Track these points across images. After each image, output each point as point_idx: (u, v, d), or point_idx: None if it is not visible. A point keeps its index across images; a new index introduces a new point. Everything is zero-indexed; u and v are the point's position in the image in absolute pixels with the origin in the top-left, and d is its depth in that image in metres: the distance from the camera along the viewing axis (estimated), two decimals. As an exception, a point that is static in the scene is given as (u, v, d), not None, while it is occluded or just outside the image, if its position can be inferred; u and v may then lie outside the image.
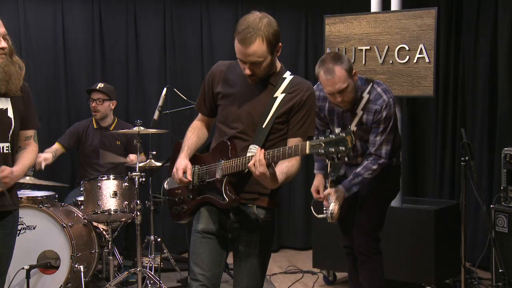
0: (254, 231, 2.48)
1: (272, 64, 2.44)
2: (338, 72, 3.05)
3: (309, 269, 4.80)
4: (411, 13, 4.11)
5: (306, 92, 2.44)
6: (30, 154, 2.73)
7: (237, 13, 5.47)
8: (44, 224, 3.91)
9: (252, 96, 2.45)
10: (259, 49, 2.35)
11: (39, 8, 5.07)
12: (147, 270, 3.98)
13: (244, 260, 2.50)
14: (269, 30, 2.38)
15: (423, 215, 4.11)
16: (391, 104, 3.17)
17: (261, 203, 2.46)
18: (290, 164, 2.37)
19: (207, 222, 2.50)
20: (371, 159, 3.20)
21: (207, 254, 2.48)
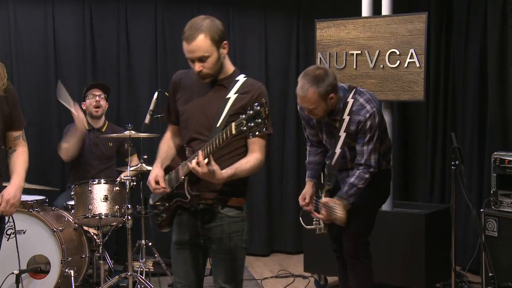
0: (223, 229, 2.59)
1: (220, 62, 2.57)
2: (309, 94, 3.09)
3: (301, 273, 4.80)
4: (401, 17, 4.13)
5: (257, 91, 2.57)
6: (22, 158, 2.78)
7: (229, 16, 5.47)
8: (34, 228, 3.89)
9: (207, 99, 2.59)
10: (203, 43, 2.49)
11: (29, 11, 5.05)
12: (138, 275, 3.97)
13: (218, 256, 2.63)
14: (212, 27, 2.52)
15: (413, 219, 4.13)
16: (375, 114, 3.17)
17: (228, 202, 2.58)
18: (244, 161, 2.52)
19: (178, 233, 2.67)
20: (362, 168, 3.21)
21: (182, 264, 2.67)
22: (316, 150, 3.48)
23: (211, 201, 2.57)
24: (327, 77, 3.09)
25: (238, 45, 5.51)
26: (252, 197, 5.60)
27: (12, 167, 2.74)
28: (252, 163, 2.54)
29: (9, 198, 2.65)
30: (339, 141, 3.23)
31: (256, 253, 5.54)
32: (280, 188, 5.62)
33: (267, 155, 5.74)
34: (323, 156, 3.47)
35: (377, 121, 3.18)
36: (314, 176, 3.45)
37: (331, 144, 3.33)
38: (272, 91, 5.59)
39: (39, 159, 5.12)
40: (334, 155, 3.26)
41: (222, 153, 2.51)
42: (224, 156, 2.52)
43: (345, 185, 3.21)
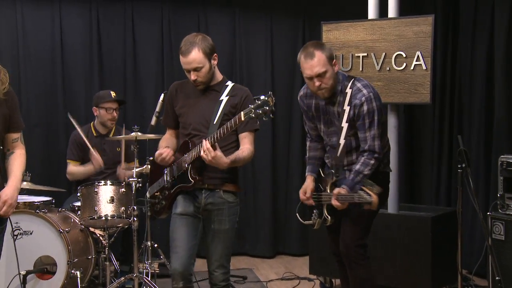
0: (223, 211, 3.08)
1: (212, 71, 3.08)
2: (318, 55, 3.12)
3: (306, 275, 4.80)
4: (408, 20, 4.13)
5: (245, 94, 3.10)
6: (19, 160, 2.85)
7: (234, 18, 5.48)
8: (41, 229, 3.91)
9: (203, 102, 3.10)
10: (197, 56, 3.01)
11: (37, 13, 5.08)
12: (143, 276, 3.97)
13: (216, 235, 3.10)
14: (204, 42, 3.04)
15: (419, 222, 4.12)
16: (372, 98, 3.17)
17: (227, 188, 3.08)
18: (241, 151, 3.02)
19: (183, 206, 3.10)
20: (367, 154, 3.19)
21: (184, 230, 3.08)
22: (317, 145, 3.47)
23: (213, 186, 3.05)
24: (325, 44, 3.27)
25: (243, 47, 5.52)
26: (257, 199, 5.61)
27: (9, 169, 2.81)
28: (247, 153, 3.04)
29: (6, 199, 2.70)
30: (343, 132, 3.22)
31: (261, 255, 5.54)
32: (286, 190, 5.62)
33: (272, 157, 5.78)
34: (323, 151, 3.46)
35: (375, 106, 3.17)
36: (314, 171, 3.43)
37: (327, 134, 3.33)
38: (278, 94, 5.58)
39: (46, 160, 5.15)
40: (338, 146, 3.25)
41: (220, 146, 2.94)
42: (222, 148, 2.94)
43: (351, 173, 3.19)
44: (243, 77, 5.53)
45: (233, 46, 5.51)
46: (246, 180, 5.58)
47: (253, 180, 5.59)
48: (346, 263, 3.36)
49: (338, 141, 3.26)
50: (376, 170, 3.26)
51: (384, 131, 3.38)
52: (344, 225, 3.33)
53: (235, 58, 5.53)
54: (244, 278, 4.83)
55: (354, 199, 3.04)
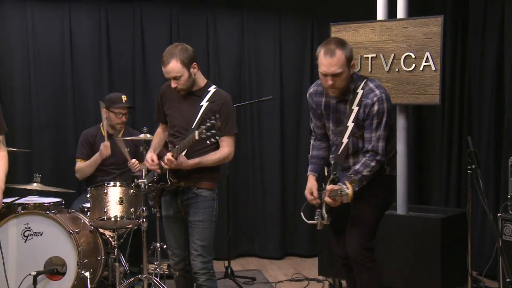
0: (197, 204, 3.38)
1: (192, 79, 3.36)
2: (338, 55, 3.08)
3: (315, 276, 4.79)
4: (417, 21, 4.12)
5: (222, 100, 3.37)
6: (2, 162, 2.93)
7: (243, 20, 5.49)
8: (51, 230, 3.93)
9: (186, 106, 3.40)
10: (175, 66, 3.29)
11: (46, 15, 5.12)
12: (153, 277, 3.98)
13: (192, 226, 3.39)
14: (182, 53, 3.30)
15: (429, 223, 4.11)
16: (383, 99, 3.15)
17: (201, 185, 3.38)
18: (212, 154, 3.34)
19: (164, 209, 3.52)
20: (368, 155, 3.16)
21: (171, 232, 3.53)
22: (320, 144, 3.44)
23: (188, 183, 3.37)
24: (347, 43, 3.20)
25: (252, 49, 5.52)
26: (266, 201, 5.61)
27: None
28: (218, 156, 3.35)
29: None
30: (347, 131, 3.20)
31: (270, 256, 5.54)
32: (294, 191, 5.62)
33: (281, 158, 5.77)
34: (327, 151, 3.43)
35: (385, 108, 3.15)
36: (317, 170, 3.40)
37: (336, 133, 3.31)
38: (287, 95, 5.59)
39: (55, 161, 5.18)
40: (340, 145, 3.24)
41: (200, 150, 3.32)
42: (199, 150, 3.33)
43: (349, 172, 3.13)
44: (252, 79, 5.54)
45: (241, 47, 5.52)
46: (255, 182, 5.59)
47: (261, 181, 5.59)
48: (353, 266, 3.34)
49: (341, 140, 3.24)
50: (382, 174, 3.24)
51: (391, 134, 3.36)
52: (350, 228, 3.31)
53: (243, 60, 5.53)
54: (253, 279, 4.84)
55: (337, 193, 3.01)
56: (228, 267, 4.75)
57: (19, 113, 5.11)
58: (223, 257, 5.00)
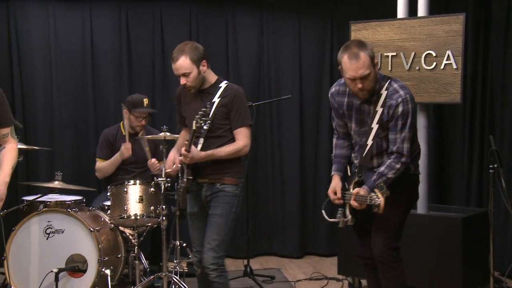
0: (218, 198, 3.39)
1: (201, 76, 3.36)
2: (363, 57, 3.05)
3: (334, 275, 4.78)
4: (438, 19, 4.08)
5: (233, 94, 3.38)
6: (9, 154, 2.93)
7: (262, 19, 5.49)
8: (72, 228, 3.97)
9: (198, 104, 3.38)
10: (184, 63, 3.31)
11: (68, 15, 5.18)
12: (172, 275, 4.00)
13: (210, 219, 3.41)
14: (192, 50, 3.32)
15: (450, 223, 4.07)
16: (408, 100, 3.12)
17: (224, 181, 3.39)
18: (225, 146, 3.36)
19: (190, 206, 3.51)
20: (393, 157, 3.14)
21: (196, 230, 3.53)
22: (343, 143, 3.43)
23: (214, 180, 3.40)
24: (367, 43, 3.18)
25: (271, 48, 5.52)
26: (285, 199, 5.60)
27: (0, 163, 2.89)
28: (232, 148, 3.36)
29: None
30: (371, 133, 3.18)
31: (290, 255, 5.54)
32: (314, 190, 5.61)
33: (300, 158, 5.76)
34: (350, 149, 3.41)
35: (410, 108, 3.12)
36: (341, 170, 3.39)
37: (359, 133, 3.29)
38: (306, 95, 5.58)
39: (76, 160, 5.24)
40: (365, 147, 3.23)
41: (216, 144, 3.36)
42: (218, 147, 3.34)
43: (374, 174, 3.14)
44: (271, 78, 5.53)
45: (261, 46, 5.52)
46: (274, 181, 5.59)
47: (281, 181, 5.59)
48: (379, 266, 3.32)
49: (366, 141, 3.22)
50: (406, 173, 3.22)
51: (415, 134, 3.33)
52: (375, 228, 3.29)
53: (263, 59, 5.53)
54: (272, 278, 4.84)
55: (367, 200, 3.02)
56: (247, 265, 4.76)
57: (41, 112, 5.17)
58: (242, 255, 5.01)
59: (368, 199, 3.00)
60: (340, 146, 3.44)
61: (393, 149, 3.15)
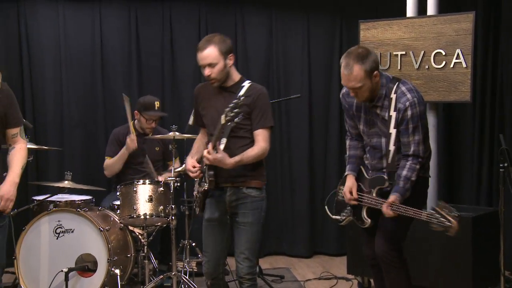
0: (246, 205, 3.19)
1: (226, 71, 3.18)
2: (355, 71, 3.05)
3: (344, 275, 4.77)
4: (447, 17, 4.06)
5: (257, 93, 3.19)
6: (19, 154, 2.93)
7: (271, 18, 5.49)
8: (82, 227, 3.99)
9: (220, 103, 3.18)
10: (212, 52, 3.14)
11: (77, 15, 5.20)
12: (182, 275, 4.01)
13: (240, 227, 3.21)
14: (220, 41, 3.17)
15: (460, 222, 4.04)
16: (416, 103, 3.12)
17: (250, 184, 3.19)
18: (250, 150, 3.15)
19: (210, 212, 3.27)
20: (411, 159, 3.14)
21: (211, 236, 3.28)
22: (357, 144, 3.43)
23: (238, 184, 3.18)
24: (370, 55, 3.12)
25: (280, 47, 5.52)
26: (294, 199, 5.60)
27: (9, 164, 2.91)
28: (257, 151, 3.15)
29: (3, 194, 2.79)
30: (392, 138, 3.18)
31: (299, 254, 5.54)
32: (323, 190, 5.59)
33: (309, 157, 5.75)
34: (363, 151, 3.42)
35: (419, 111, 3.12)
36: (355, 170, 3.39)
37: (369, 134, 3.29)
38: (315, 93, 5.57)
39: (85, 160, 5.26)
40: (388, 153, 3.22)
41: (237, 146, 3.13)
42: (238, 149, 3.13)
43: (399, 180, 3.15)
44: (280, 77, 5.53)
45: (269, 46, 5.52)
46: (283, 180, 5.58)
47: (290, 180, 5.59)
48: (382, 266, 3.32)
49: (387, 147, 3.22)
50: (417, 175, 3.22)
51: (427, 134, 3.33)
52: (380, 228, 3.29)
53: (271, 58, 5.53)
54: (282, 278, 4.84)
55: (422, 217, 2.97)
56: (256, 265, 4.75)
57: (51, 112, 5.20)
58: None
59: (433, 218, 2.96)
60: (354, 147, 3.44)
61: (409, 153, 3.15)
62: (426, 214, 2.97)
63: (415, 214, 3.02)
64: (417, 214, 3.01)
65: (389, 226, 3.23)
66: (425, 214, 2.98)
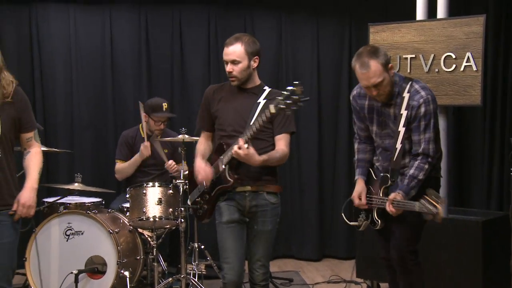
0: (266, 212, 3.13)
1: (249, 71, 3.13)
2: (373, 66, 3.06)
3: (353, 278, 4.76)
4: (458, 20, 4.05)
5: None
6: (35, 159, 2.94)
7: (281, 21, 5.49)
8: (92, 230, 4.01)
9: (240, 104, 3.14)
10: (237, 49, 3.10)
11: (88, 19, 5.23)
12: (190, 277, 4.02)
13: (259, 236, 3.15)
14: (249, 42, 3.13)
15: (470, 226, 4.03)
16: (430, 101, 3.12)
17: (269, 189, 3.14)
18: (275, 152, 3.09)
19: (229, 213, 3.12)
20: (420, 158, 3.13)
21: (233, 239, 3.11)
22: (366, 147, 3.42)
23: (257, 187, 3.11)
24: (380, 49, 3.15)
25: (290, 50, 5.52)
26: (303, 202, 5.59)
27: (26, 169, 2.91)
28: (281, 153, 3.10)
29: (24, 201, 2.81)
30: (399, 136, 3.17)
31: (308, 257, 5.53)
32: (332, 193, 5.59)
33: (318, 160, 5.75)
34: (372, 154, 3.41)
35: (432, 109, 3.12)
36: (365, 173, 3.38)
37: (381, 136, 3.28)
38: (324, 96, 5.57)
39: (95, 162, 5.28)
40: (394, 151, 3.21)
41: (257, 147, 3.00)
42: (259, 151, 3.00)
43: (405, 178, 3.14)
44: (289, 80, 5.52)
45: (279, 49, 5.52)
46: (292, 183, 5.58)
47: (299, 183, 5.58)
48: (397, 269, 3.31)
49: (395, 145, 3.21)
50: (428, 176, 3.20)
51: (438, 135, 3.32)
52: (395, 230, 3.28)
53: (281, 61, 5.53)
54: (290, 281, 4.83)
55: (415, 207, 2.97)
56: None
57: (61, 114, 5.23)
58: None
59: (417, 206, 2.95)
60: (362, 150, 3.43)
61: (419, 151, 3.14)
62: (419, 204, 2.95)
63: (410, 207, 3.00)
64: (411, 206, 2.99)
65: (402, 228, 3.23)
66: (417, 205, 2.96)
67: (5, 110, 2.79)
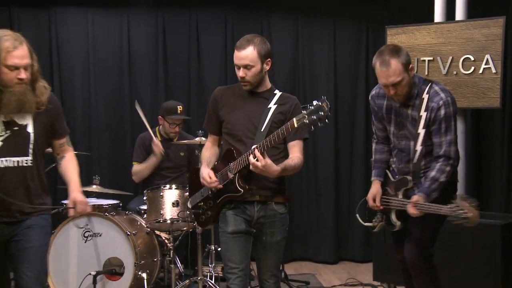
0: (274, 223, 3.03)
1: (262, 75, 2.99)
2: (393, 65, 3.04)
3: (369, 282, 4.74)
4: (477, 22, 4.02)
5: (294, 102, 3.03)
6: (71, 164, 2.99)
7: (298, 24, 5.49)
8: (110, 231, 4.04)
9: (251, 108, 3.01)
10: (251, 54, 2.94)
11: (106, 22, 5.29)
12: (207, 279, 4.03)
13: (268, 246, 3.05)
14: (261, 44, 2.98)
15: (489, 229, 3.99)
16: (450, 103, 3.09)
17: (278, 199, 3.02)
18: (290, 160, 2.94)
19: (234, 223, 2.99)
20: (442, 160, 3.11)
21: (239, 251, 2.99)
22: (383, 148, 3.41)
23: (265, 198, 2.99)
24: (402, 49, 3.13)
25: (306, 53, 5.51)
26: (320, 204, 5.58)
27: (65, 175, 2.95)
28: (296, 161, 2.96)
29: (81, 199, 2.86)
30: (419, 138, 3.16)
31: (324, 260, 5.51)
32: (349, 196, 5.57)
33: (335, 163, 5.72)
34: (389, 154, 3.39)
35: (452, 111, 3.10)
36: (381, 175, 3.37)
37: (399, 136, 3.27)
38: (341, 99, 5.55)
39: (113, 164, 5.32)
40: (414, 153, 3.19)
41: (270, 153, 2.87)
42: (271, 157, 2.84)
43: (426, 180, 3.12)
44: (306, 83, 5.53)
45: (296, 52, 5.52)
46: (309, 185, 5.57)
47: (316, 186, 5.57)
48: (411, 271, 3.30)
49: (414, 147, 3.20)
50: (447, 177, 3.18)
51: (456, 138, 3.30)
52: (410, 234, 3.26)
53: (298, 64, 5.53)
54: (307, 283, 4.82)
55: (442, 211, 2.94)
56: (281, 270, 4.75)
57: (80, 117, 5.28)
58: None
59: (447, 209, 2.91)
60: (379, 151, 3.42)
61: (440, 153, 3.12)
62: (447, 208, 2.91)
63: (436, 210, 2.97)
64: (437, 209, 2.96)
65: (418, 231, 3.21)
66: (446, 208, 2.92)
67: (38, 118, 2.81)
